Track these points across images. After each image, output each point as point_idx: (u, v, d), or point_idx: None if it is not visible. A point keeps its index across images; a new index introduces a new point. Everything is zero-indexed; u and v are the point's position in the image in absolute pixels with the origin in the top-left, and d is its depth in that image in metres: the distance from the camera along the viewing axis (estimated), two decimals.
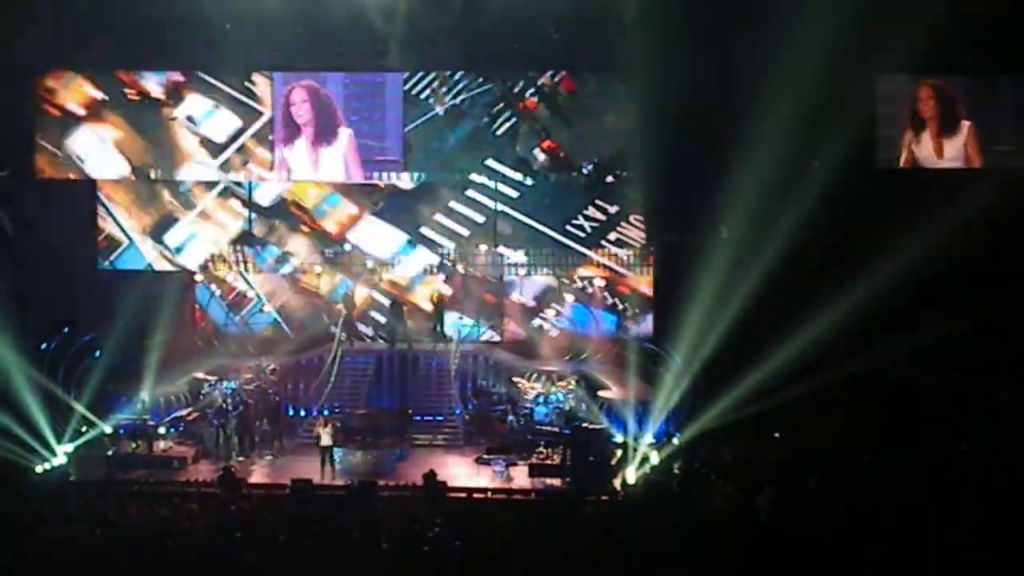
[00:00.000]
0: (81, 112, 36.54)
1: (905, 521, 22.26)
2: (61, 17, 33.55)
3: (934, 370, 31.02)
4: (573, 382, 33.39)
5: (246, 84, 36.68)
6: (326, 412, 32.74)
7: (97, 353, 33.48)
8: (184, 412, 33.04)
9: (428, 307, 36.83)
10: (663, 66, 32.96)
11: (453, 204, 37.06)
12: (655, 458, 29.52)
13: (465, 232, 37.10)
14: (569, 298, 37.11)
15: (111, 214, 37.36)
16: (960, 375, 30.87)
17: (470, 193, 36.94)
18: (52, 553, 21.34)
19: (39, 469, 28.71)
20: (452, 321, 36.79)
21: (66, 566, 20.50)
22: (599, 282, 36.89)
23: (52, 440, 29.65)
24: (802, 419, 29.71)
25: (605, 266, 36.69)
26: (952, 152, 35.14)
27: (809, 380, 29.87)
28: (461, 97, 36.37)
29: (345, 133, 36.38)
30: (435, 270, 37.23)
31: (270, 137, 36.60)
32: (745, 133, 31.58)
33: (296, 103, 36.49)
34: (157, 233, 37.55)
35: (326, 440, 30.00)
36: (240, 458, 30.99)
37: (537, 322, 37.32)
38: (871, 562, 20.41)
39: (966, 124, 35.06)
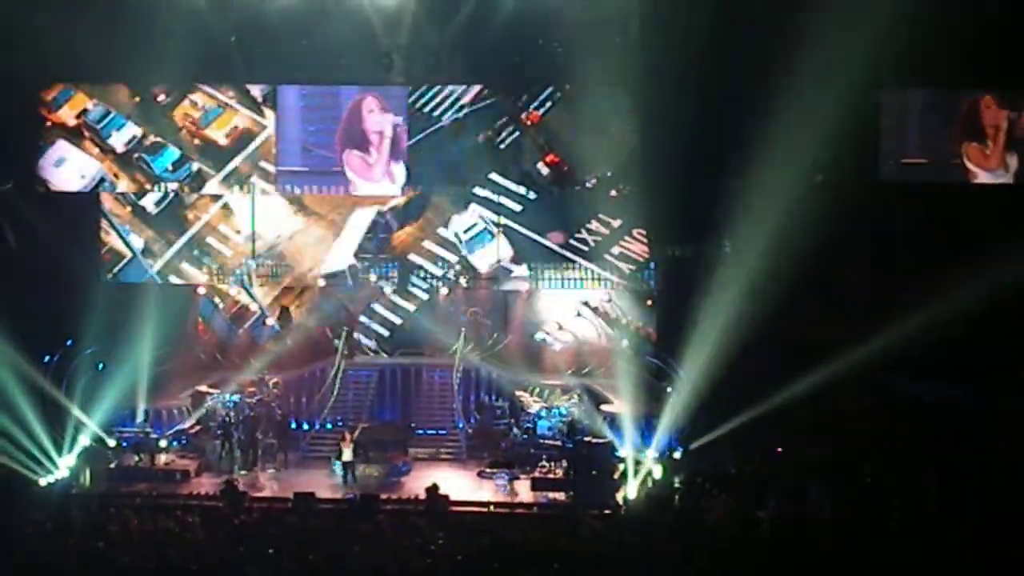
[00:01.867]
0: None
1: (907, 532, 22.25)
2: (64, 30, 33.51)
3: (935, 381, 31.02)
4: (576, 396, 33.36)
5: (250, 97, 36.74)
6: (338, 424, 33.02)
7: (100, 366, 33.50)
8: (187, 425, 33.07)
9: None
10: (666, 80, 32.99)
11: (456, 217, 37.06)
12: (658, 472, 29.54)
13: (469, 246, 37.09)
14: (572, 312, 37.05)
15: (114, 227, 37.36)
16: (960, 386, 30.88)
17: (473, 207, 36.92)
18: (55, 565, 21.34)
19: (42, 482, 28.76)
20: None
21: None
22: (602, 295, 36.83)
23: (55, 452, 29.70)
24: (804, 431, 29.64)
25: (608, 280, 36.63)
26: (1015, 166, 35.12)
27: (811, 393, 29.92)
28: (465, 111, 36.39)
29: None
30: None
31: (273, 150, 36.63)
32: (748, 146, 31.62)
33: (375, 111, 36.54)
34: None
35: (348, 455, 29.98)
36: (243, 471, 31.01)
37: (540, 335, 37.28)
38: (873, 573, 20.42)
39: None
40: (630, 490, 28.59)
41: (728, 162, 32.63)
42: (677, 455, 30.62)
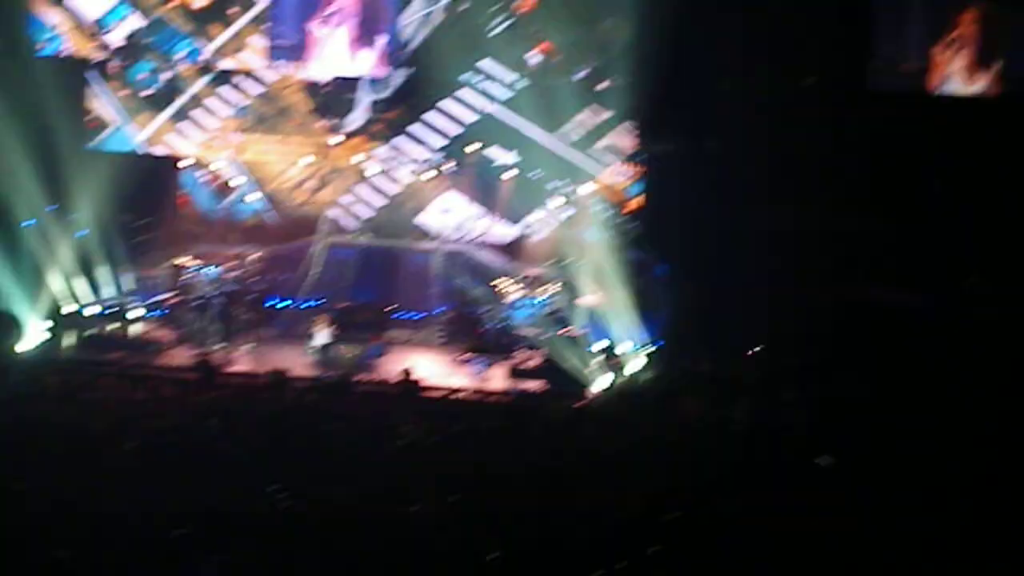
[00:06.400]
0: None
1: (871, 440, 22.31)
2: None
3: (915, 291, 30.99)
4: (555, 286, 33.32)
5: None
6: (316, 302, 33.16)
7: (80, 233, 33.29)
8: (165, 297, 33.03)
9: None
10: None
11: (444, 104, 36.72)
12: (633, 366, 29.64)
13: (456, 132, 36.77)
14: (557, 201, 36.82)
15: (100, 95, 36.99)
16: (942, 295, 30.84)
17: (461, 93, 36.58)
18: (27, 432, 21.31)
19: (17, 348, 28.80)
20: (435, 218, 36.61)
21: (41, 445, 20.45)
22: (588, 187, 36.59)
23: (30, 319, 29.71)
24: (777, 334, 29.62)
25: (595, 173, 36.40)
26: (981, 80, 34.72)
27: (792, 298, 29.94)
28: None
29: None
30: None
31: (264, 25, 36.22)
32: (743, 44, 31.40)
33: None
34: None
35: (322, 339, 29.83)
36: (219, 346, 31.01)
37: (523, 225, 37.07)
38: (846, 471, 20.49)
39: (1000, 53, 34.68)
40: (604, 383, 28.69)
41: (719, 60, 32.32)
42: (652, 351, 30.70)
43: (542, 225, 36.80)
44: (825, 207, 31.58)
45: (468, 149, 36.56)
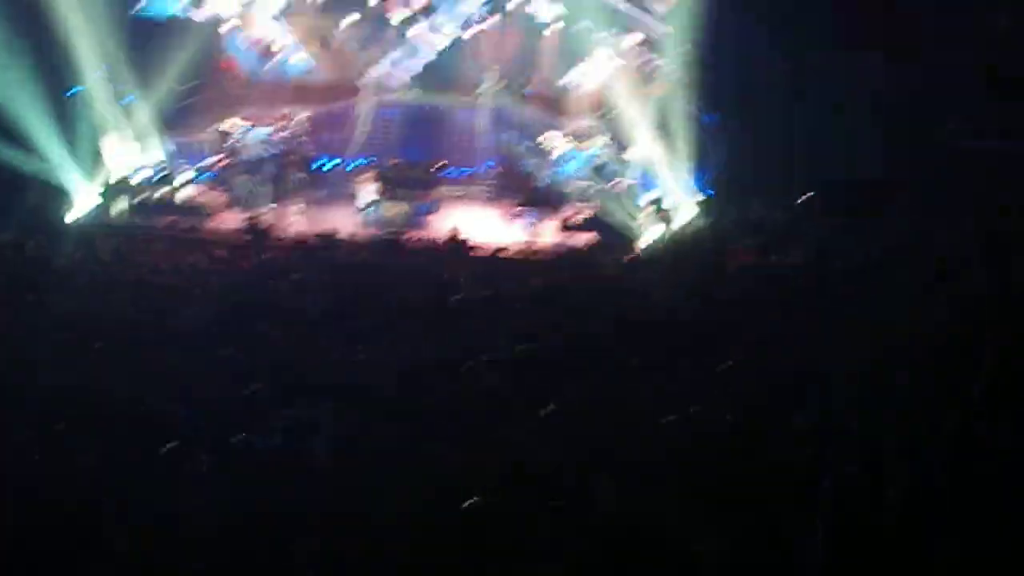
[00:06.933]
0: None
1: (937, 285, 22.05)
2: None
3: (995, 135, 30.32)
4: (604, 139, 33.12)
5: None
6: (365, 161, 33.16)
7: (127, 99, 33.27)
8: (214, 159, 33.06)
9: None
10: None
11: None
12: (683, 216, 29.55)
13: None
14: (604, 52, 36.32)
15: None
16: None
17: None
18: (85, 291, 21.54)
19: (68, 216, 29.04)
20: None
21: (95, 306, 20.70)
22: (636, 37, 36.09)
23: (80, 185, 29.91)
24: (833, 181, 29.26)
25: (640, 22, 35.87)
26: None
27: (845, 144, 29.54)
28: None
29: None
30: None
31: None
32: None
33: None
34: None
35: (372, 198, 29.81)
36: (269, 207, 31.11)
37: (569, 77, 36.66)
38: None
39: None
40: (654, 234, 28.66)
41: None
42: (702, 201, 30.57)
43: (589, 77, 36.41)
44: (884, 51, 30.89)
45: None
